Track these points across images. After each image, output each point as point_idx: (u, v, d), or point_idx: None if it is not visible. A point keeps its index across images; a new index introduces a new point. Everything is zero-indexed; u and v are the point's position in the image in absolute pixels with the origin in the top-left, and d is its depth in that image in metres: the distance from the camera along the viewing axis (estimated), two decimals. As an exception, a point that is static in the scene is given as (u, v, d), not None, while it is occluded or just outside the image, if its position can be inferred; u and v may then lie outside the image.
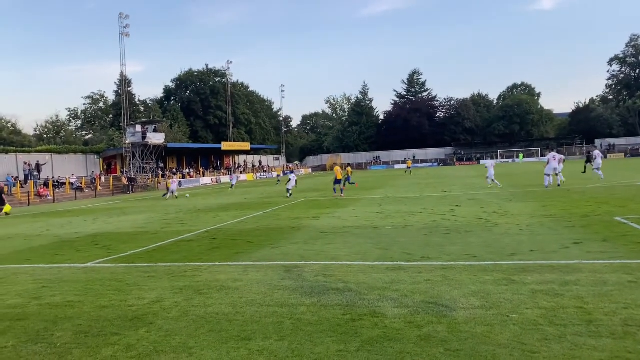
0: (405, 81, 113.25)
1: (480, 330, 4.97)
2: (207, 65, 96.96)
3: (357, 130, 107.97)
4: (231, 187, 41.80)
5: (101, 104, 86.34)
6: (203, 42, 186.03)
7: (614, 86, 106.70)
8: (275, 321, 5.63)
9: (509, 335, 4.81)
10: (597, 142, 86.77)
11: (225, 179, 63.62)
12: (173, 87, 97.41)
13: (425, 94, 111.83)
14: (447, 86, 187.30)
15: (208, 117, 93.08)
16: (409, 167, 59.62)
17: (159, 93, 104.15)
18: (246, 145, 76.25)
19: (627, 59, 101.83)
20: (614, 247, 8.68)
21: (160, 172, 57.10)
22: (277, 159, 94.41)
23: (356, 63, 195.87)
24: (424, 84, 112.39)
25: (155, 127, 56.67)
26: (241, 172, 72.62)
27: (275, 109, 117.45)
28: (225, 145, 68.81)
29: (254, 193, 33.37)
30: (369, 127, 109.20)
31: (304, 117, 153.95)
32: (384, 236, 11.48)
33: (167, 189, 33.82)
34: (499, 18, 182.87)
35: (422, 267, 8.01)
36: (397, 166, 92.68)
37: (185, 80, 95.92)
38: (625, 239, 9.36)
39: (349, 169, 30.87)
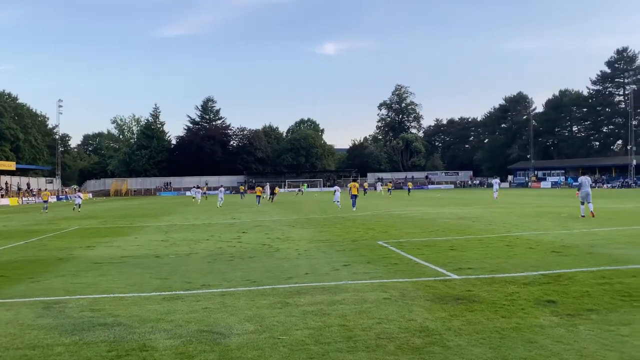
0: (199, 107, 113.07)
1: (251, 355, 5.01)
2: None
3: (146, 154, 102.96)
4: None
5: None
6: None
7: (382, 127, 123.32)
8: (22, 367, 4.85)
9: (278, 357, 4.95)
10: (370, 175, 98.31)
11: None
12: None
13: (219, 121, 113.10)
14: (241, 116, 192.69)
15: (-39, 129, 78.62)
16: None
17: None
18: (11, 165, 66.53)
19: (392, 105, 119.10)
20: (375, 268, 9.74)
21: None
22: (51, 182, 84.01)
23: (147, 84, 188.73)
24: (218, 111, 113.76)
25: None
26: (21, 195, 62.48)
27: (50, 126, 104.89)
28: (-18, 164, 58.82)
29: (18, 220, 28.97)
30: (160, 151, 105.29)
31: (86, 137, 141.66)
32: (165, 265, 10.97)
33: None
34: (289, 57, 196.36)
35: (201, 295, 7.84)
36: (188, 193, 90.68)
37: None
38: (384, 261, 10.60)
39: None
